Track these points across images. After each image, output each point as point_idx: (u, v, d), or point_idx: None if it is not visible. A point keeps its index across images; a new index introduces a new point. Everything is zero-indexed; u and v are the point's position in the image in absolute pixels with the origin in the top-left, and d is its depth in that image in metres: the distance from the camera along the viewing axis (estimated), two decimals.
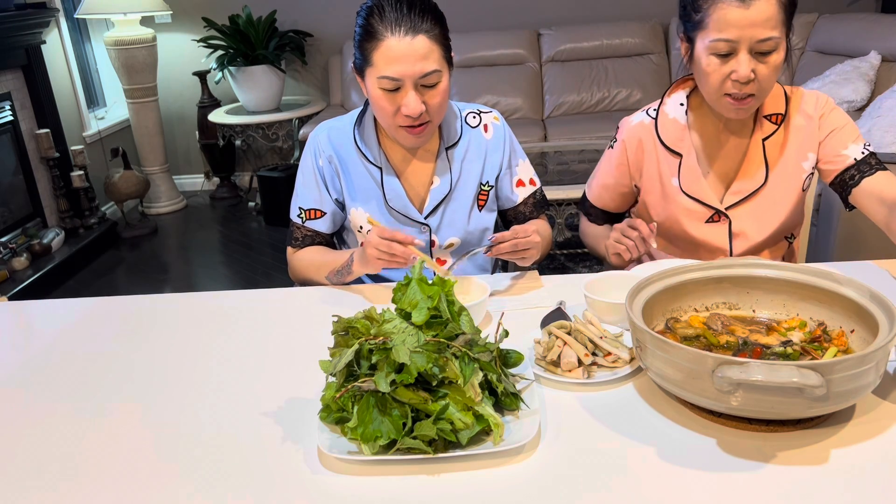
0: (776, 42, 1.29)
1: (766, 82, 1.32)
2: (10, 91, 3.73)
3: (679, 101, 1.49)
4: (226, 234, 4.30)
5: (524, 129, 4.07)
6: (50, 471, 0.92)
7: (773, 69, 1.31)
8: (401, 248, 1.30)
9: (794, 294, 1.09)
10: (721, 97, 1.35)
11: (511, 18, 4.66)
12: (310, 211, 1.53)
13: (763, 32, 1.27)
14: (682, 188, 1.48)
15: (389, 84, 1.32)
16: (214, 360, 1.19)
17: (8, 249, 3.49)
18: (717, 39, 1.29)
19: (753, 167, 1.46)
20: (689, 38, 1.38)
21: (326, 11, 4.68)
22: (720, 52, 1.30)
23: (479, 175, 1.53)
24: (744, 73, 1.29)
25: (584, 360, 1.05)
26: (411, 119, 1.34)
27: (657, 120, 1.51)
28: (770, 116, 1.45)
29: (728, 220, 1.48)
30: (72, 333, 1.32)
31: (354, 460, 0.89)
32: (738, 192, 1.47)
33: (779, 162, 1.45)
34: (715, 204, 1.47)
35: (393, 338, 0.90)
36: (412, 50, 1.29)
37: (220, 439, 0.97)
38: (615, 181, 1.58)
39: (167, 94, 4.87)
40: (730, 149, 1.47)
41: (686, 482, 0.83)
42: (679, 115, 1.48)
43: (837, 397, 0.85)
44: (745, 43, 1.28)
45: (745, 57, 1.29)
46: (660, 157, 1.50)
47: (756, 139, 1.45)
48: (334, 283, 1.48)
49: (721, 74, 1.32)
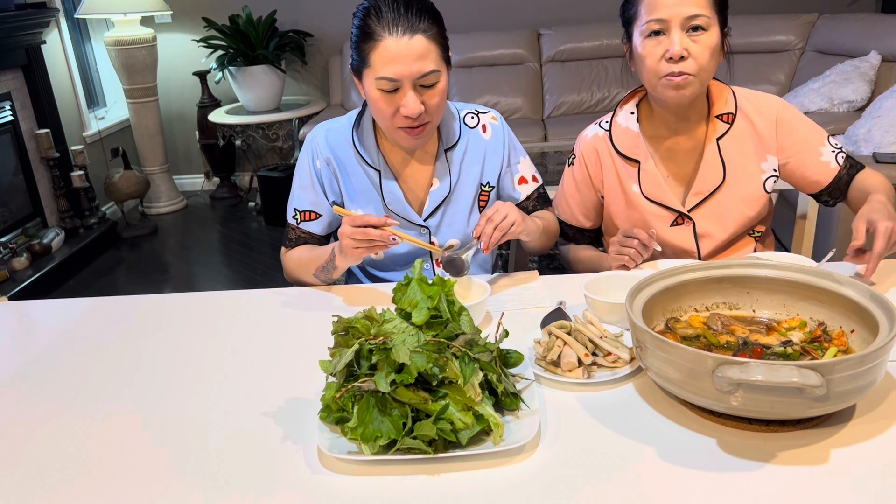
0: (706, 21, 1.33)
1: (701, 59, 1.35)
2: (10, 91, 3.73)
3: (629, 110, 1.53)
4: (226, 234, 4.30)
5: (524, 129, 4.07)
6: (50, 471, 0.92)
7: (707, 48, 1.35)
8: (376, 231, 1.28)
9: (794, 294, 1.09)
10: (659, 80, 1.38)
11: (511, 18, 4.66)
12: (305, 212, 1.53)
13: (690, 9, 1.32)
14: (644, 194, 1.50)
15: (388, 85, 1.31)
16: (214, 360, 1.19)
17: (8, 249, 3.49)
18: (648, 21, 1.35)
19: (711, 167, 1.47)
20: (628, 36, 1.43)
21: (326, 11, 4.68)
22: (653, 30, 1.35)
23: (479, 176, 1.53)
24: (676, 50, 1.33)
25: (584, 360, 1.05)
26: (410, 120, 1.34)
27: (611, 131, 1.53)
28: (721, 116, 1.47)
29: (692, 221, 1.50)
30: (72, 333, 1.32)
31: (354, 460, 0.89)
32: (698, 192, 1.48)
33: (736, 160, 1.47)
34: (677, 207, 1.49)
35: (393, 338, 0.91)
36: (410, 50, 1.28)
37: (220, 439, 0.97)
38: (581, 196, 1.60)
39: (167, 94, 4.87)
40: (684, 151, 1.50)
41: (686, 482, 0.83)
42: (631, 124, 1.51)
43: (837, 397, 0.85)
44: (675, 21, 1.33)
45: (678, 34, 1.33)
46: (617, 166, 1.53)
47: (710, 139, 1.47)
48: (323, 280, 1.47)
49: (656, 55, 1.36)
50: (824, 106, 3.69)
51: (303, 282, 1.52)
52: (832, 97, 3.69)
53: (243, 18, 4.43)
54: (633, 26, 1.39)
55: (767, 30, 4.22)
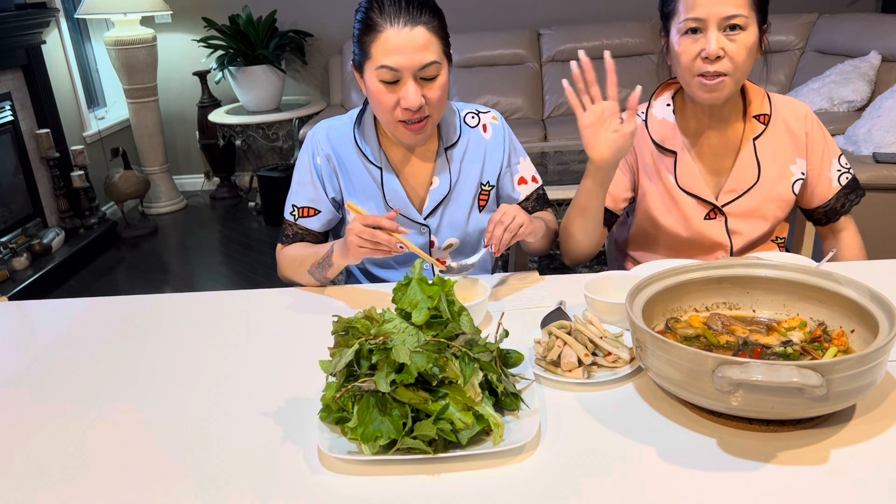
0: (744, 20, 1.32)
1: (737, 58, 1.34)
2: (10, 91, 3.73)
3: (665, 101, 1.53)
4: (226, 234, 4.30)
5: (524, 129, 4.07)
6: (50, 471, 0.92)
7: (744, 48, 1.34)
8: (385, 235, 1.27)
9: (794, 294, 1.09)
10: (693, 78, 1.38)
11: (511, 18, 4.66)
12: (303, 209, 1.52)
13: (729, 9, 1.31)
14: (680, 185, 1.50)
15: (388, 75, 1.31)
16: (214, 360, 1.19)
17: (8, 249, 3.49)
18: (686, 18, 1.34)
19: (746, 166, 1.48)
20: (665, 31, 1.43)
21: (326, 11, 4.68)
22: (690, 28, 1.35)
23: (479, 175, 1.53)
24: (713, 49, 1.32)
25: (585, 360, 1.05)
26: (410, 113, 1.34)
27: (647, 122, 1.54)
28: (758, 117, 1.48)
29: (724, 217, 1.51)
30: (72, 333, 1.32)
31: (354, 460, 0.89)
32: (732, 190, 1.49)
33: (770, 161, 1.48)
34: (711, 200, 1.50)
35: (393, 338, 0.90)
36: (411, 40, 1.29)
37: (220, 439, 0.97)
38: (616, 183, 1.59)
39: (167, 94, 4.87)
40: (718, 147, 1.50)
41: (686, 482, 0.83)
42: (667, 115, 1.52)
43: (838, 397, 0.85)
44: (713, 20, 1.32)
45: (715, 33, 1.33)
46: (654, 157, 1.53)
47: (748, 138, 1.48)
48: (317, 278, 1.45)
49: (691, 53, 1.36)
50: (824, 106, 3.69)
51: (294, 281, 1.50)
52: (832, 97, 3.69)
53: (243, 18, 4.43)
54: (670, 21, 1.39)
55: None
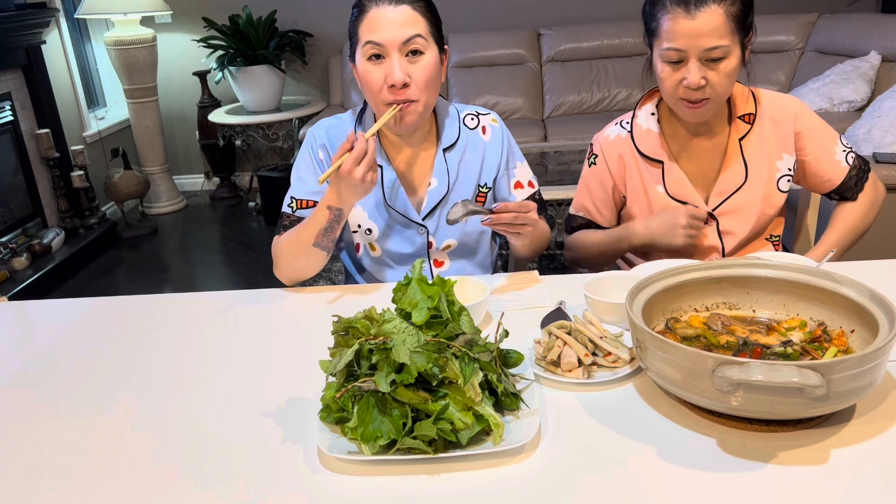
0: (725, 50, 1.32)
1: (719, 87, 1.35)
2: (10, 91, 3.73)
3: (649, 111, 1.53)
4: (226, 234, 4.30)
5: (524, 129, 4.07)
6: (50, 471, 0.92)
7: (725, 75, 1.34)
8: (362, 144, 1.28)
9: (794, 294, 1.09)
10: (677, 101, 1.39)
11: (511, 18, 4.66)
12: (302, 201, 1.51)
13: (710, 42, 1.30)
14: (670, 194, 1.51)
15: (373, 49, 1.33)
16: (214, 361, 1.19)
17: (8, 249, 3.49)
18: (667, 48, 1.33)
19: (733, 167, 1.49)
20: (649, 45, 1.42)
21: (326, 11, 4.68)
22: (671, 59, 1.34)
23: (477, 177, 1.53)
24: (693, 81, 1.32)
25: (584, 360, 1.05)
26: (396, 90, 1.34)
27: (632, 133, 1.54)
28: (743, 116, 1.49)
29: (716, 220, 1.51)
30: (72, 333, 1.32)
31: (354, 460, 0.89)
32: (721, 192, 1.50)
33: (756, 159, 1.49)
34: (702, 206, 1.50)
35: (393, 338, 0.90)
36: (395, 16, 1.33)
37: (220, 439, 0.97)
38: (604, 195, 1.61)
39: (167, 94, 4.87)
40: (705, 151, 1.51)
41: (686, 482, 0.83)
42: (652, 125, 1.52)
43: (837, 397, 0.85)
44: (693, 52, 1.32)
45: (695, 65, 1.32)
46: (641, 168, 1.54)
47: (733, 139, 1.49)
48: (324, 247, 1.41)
49: (674, 81, 1.36)
50: (824, 106, 3.69)
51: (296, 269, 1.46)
52: (832, 97, 3.69)
53: (243, 18, 4.43)
54: (653, 39, 1.39)
55: (767, 30, 4.22)
